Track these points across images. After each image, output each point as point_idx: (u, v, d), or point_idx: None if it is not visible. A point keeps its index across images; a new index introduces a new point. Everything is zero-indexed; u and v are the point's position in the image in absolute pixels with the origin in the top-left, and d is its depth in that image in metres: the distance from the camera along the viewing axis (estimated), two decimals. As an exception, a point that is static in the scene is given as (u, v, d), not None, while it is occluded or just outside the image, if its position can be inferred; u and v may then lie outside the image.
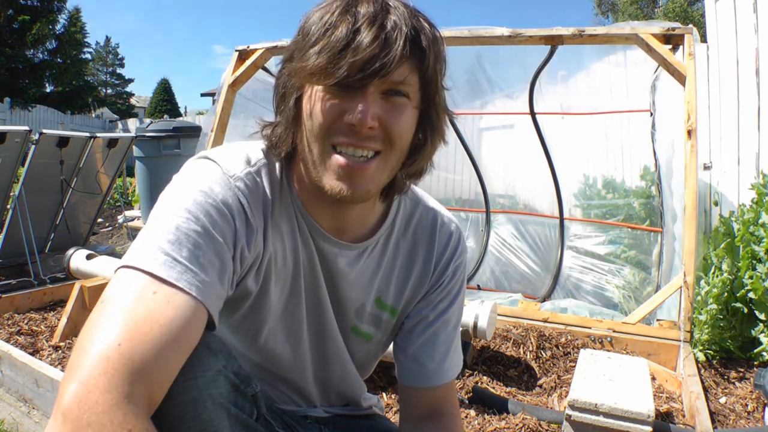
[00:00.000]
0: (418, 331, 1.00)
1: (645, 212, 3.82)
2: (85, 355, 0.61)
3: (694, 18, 19.33)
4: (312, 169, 0.81)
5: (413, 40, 0.75)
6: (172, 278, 0.67)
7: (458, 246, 1.02)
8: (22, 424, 2.00)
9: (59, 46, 22.06)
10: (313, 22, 0.77)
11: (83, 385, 0.58)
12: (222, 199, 0.78)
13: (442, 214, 1.02)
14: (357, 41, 0.72)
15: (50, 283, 3.45)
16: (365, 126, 0.75)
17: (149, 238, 0.71)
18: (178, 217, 0.73)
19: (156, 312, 0.65)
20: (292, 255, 0.90)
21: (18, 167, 3.79)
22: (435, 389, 1.00)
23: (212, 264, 0.73)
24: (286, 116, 0.83)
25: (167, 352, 0.64)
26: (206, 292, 0.70)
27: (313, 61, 0.74)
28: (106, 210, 6.45)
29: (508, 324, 2.55)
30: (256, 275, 0.86)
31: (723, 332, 2.35)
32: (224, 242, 0.76)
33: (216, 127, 3.48)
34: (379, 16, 0.74)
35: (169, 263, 0.68)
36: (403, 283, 1.00)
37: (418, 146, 0.85)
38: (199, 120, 13.17)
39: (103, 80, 40.21)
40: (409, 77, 0.77)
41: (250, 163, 0.85)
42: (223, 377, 0.75)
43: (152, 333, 0.63)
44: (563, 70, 4.07)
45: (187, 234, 0.72)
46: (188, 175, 0.80)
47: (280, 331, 0.94)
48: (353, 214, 0.90)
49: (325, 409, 1.08)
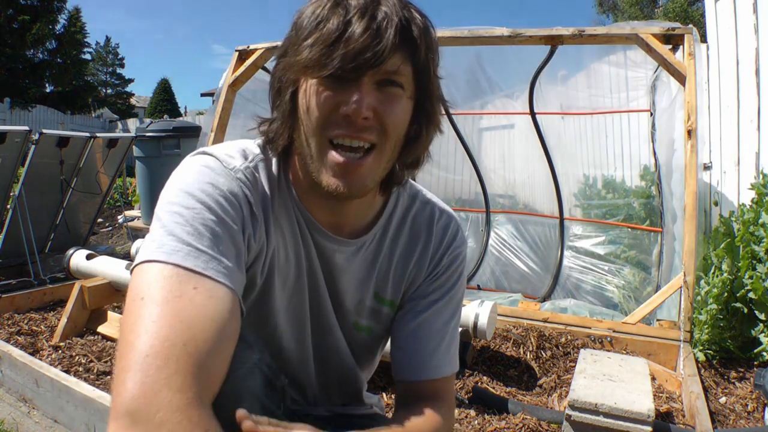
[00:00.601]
0: (406, 320, 0.98)
1: (645, 212, 3.82)
2: (143, 354, 0.60)
3: (694, 18, 19.32)
4: (310, 164, 0.82)
5: (404, 30, 0.76)
6: (199, 268, 0.68)
7: (455, 238, 1.01)
8: (22, 424, 2.00)
9: (59, 46, 22.07)
10: (305, 17, 0.78)
11: (151, 385, 0.58)
12: (228, 188, 0.79)
13: (440, 206, 1.02)
14: (349, 32, 0.73)
15: (50, 283, 3.46)
16: (360, 116, 0.75)
17: (166, 231, 0.71)
18: (190, 209, 0.73)
19: (206, 307, 0.66)
20: (293, 251, 0.90)
21: (18, 167, 3.79)
22: (424, 384, 0.96)
23: (230, 251, 0.74)
24: (282, 111, 0.83)
25: (222, 347, 0.65)
26: (233, 279, 0.71)
27: (306, 54, 0.75)
28: (106, 210, 6.45)
29: (508, 324, 2.55)
30: (262, 269, 0.87)
31: (723, 332, 2.35)
32: (238, 229, 0.77)
33: (216, 127, 3.49)
34: (370, 7, 0.75)
35: (193, 254, 0.69)
36: (401, 277, 0.99)
37: (414, 136, 0.85)
38: (199, 120, 13.19)
39: (103, 80, 40.18)
40: (402, 67, 0.77)
41: (247, 158, 0.85)
42: (258, 370, 0.77)
43: (210, 330, 0.64)
44: (563, 70, 4.07)
45: (204, 224, 0.72)
46: (191, 169, 0.81)
47: (285, 326, 0.94)
48: (351, 209, 0.91)
49: (326, 407, 1.08)
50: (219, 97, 3.60)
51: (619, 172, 4.09)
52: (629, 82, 3.86)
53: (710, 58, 3.92)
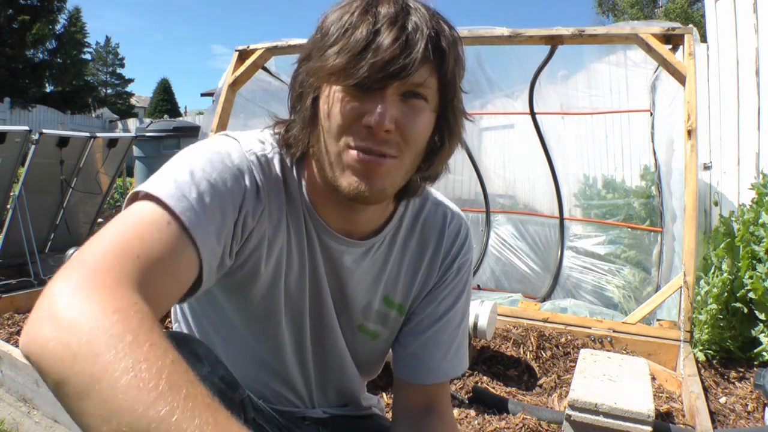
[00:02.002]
0: (420, 329, 0.99)
1: (645, 212, 3.82)
2: (93, 252, 0.61)
3: (694, 18, 19.32)
4: (328, 169, 0.80)
5: (434, 43, 0.74)
6: (177, 209, 0.68)
7: (465, 243, 1.01)
8: (22, 424, 2.00)
9: (59, 46, 22.06)
10: (332, 22, 0.76)
11: (92, 267, 0.58)
12: (237, 164, 0.79)
13: (451, 209, 1.02)
14: (377, 42, 0.72)
15: (50, 283, 3.45)
16: (383, 128, 0.74)
17: (164, 174, 0.73)
18: (192, 166, 0.74)
19: (168, 242, 0.66)
20: (297, 250, 0.89)
21: (18, 167, 3.79)
22: (432, 386, 0.99)
23: (214, 216, 0.73)
24: (303, 116, 0.82)
25: (173, 271, 0.66)
26: (204, 239, 0.71)
27: (333, 60, 0.73)
28: (106, 210, 6.43)
29: (508, 324, 2.55)
30: (267, 260, 0.86)
31: (723, 332, 2.35)
32: (231, 203, 0.77)
33: (216, 127, 3.48)
34: (400, 17, 0.73)
35: (178, 196, 0.70)
36: (411, 281, 0.99)
37: (435, 149, 0.84)
38: (199, 120, 13.17)
39: (103, 80, 40.20)
40: (429, 80, 0.76)
41: (265, 148, 0.85)
42: (208, 383, 0.75)
43: (166, 254, 0.65)
44: (563, 70, 4.07)
45: (200, 182, 0.73)
46: (206, 142, 0.83)
47: (285, 325, 0.94)
48: (364, 218, 0.89)
49: (324, 409, 1.07)
50: (219, 97, 3.60)
51: (619, 172, 4.09)
52: (629, 82, 3.86)
53: (710, 58, 3.92)
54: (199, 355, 0.77)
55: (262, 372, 0.98)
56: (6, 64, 19.54)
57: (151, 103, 35.38)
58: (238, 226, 0.79)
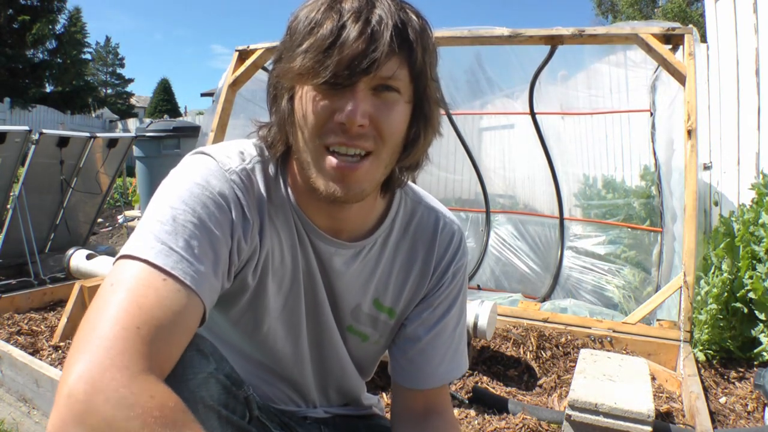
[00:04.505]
0: (417, 335, 0.99)
1: (645, 212, 3.82)
2: (97, 336, 0.61)
3: (693, 18, 19.33)
4: (306, 170, 0.81)
5: (400, 34, 0.74)
6: (167, 266, 0.68)
7: (459, 248, 1.00)
8: (23, 424, 2.00)
9: (59, 46, 22.05)
10: (299, 21, 0.76)
11: (98, 365, 0.58)
12: (219, 191, 0.78)
13: (444, 214, 1.01)
14: (342, 38, 0.71)
15: (50, 283, 3.45)
16: (355, 124, 0.74)
17: (147, 229, 0.72)
18: (174, 209, 0.73)
19: (167, 299, 0.66)
20: (290, 253, 0.89)
21: (18, 167, 3.79)
22: (431, 390, 1.00)
23: (207, 255, 0.73)
24: (279, 117, 0.83)
25: (177, 334, 0.66)
26: (201, 283, 0.70)
27: (300, 60, 0.74)
28: (106, 210, 6.44)
29: (508, 324, 2.55)
30: (254, 271, 0.86)
31: (723, 332, 2.35)
32: (221, 234, 0.76)
33: (216, 127, 3.48)
34: (365, 10, 0.73)
35: (165, 252, 0.69)
36: (401, 285, 0.99)
37: (413, 140, 0.84)
38: (199, 120, 13.16)
39: (103, 80, 40.22)
40: (399, 71, 0.76)
41: (245, 160, 0.85)
42: (213, 380, 0.76)
43: (166, 317, 0.65)
44: (563, 70, 4.07)
45: (184, 225, 0.72)
46: (185, 168, 0.81)
47: (280, 328, 0.94)
48: (351, 214, 0.89)
49: (325, 409, 1.07)
50: (219, 97, 3.60)
51: (619, 172, 4.09)
52: (629, 82, 3.86)
53: (710, 58, 3.92)
54: (205, 353, 0.77)
55: (262, 371, 0.99)
56: (6, 64, 19.54)
57: (151, 103, 35.38)
58: (233, 254, 0.79)
